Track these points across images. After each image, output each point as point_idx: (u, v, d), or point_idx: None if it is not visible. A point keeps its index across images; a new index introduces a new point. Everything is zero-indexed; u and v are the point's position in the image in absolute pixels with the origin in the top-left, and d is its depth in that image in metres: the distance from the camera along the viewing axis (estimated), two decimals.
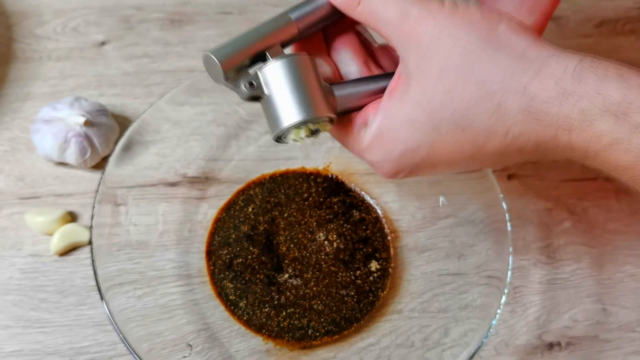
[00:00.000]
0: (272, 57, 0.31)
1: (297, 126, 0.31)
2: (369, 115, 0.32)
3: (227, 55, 0.31)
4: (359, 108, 0.33)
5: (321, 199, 0.47)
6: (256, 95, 0.31)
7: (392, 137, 0.31)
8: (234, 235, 0.46)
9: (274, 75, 0.31)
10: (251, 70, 0.32)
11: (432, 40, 0.29)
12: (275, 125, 0.32)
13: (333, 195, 0.48)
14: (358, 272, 0.45)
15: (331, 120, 0.32)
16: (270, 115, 0.32)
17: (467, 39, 0.29)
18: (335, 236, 0.46)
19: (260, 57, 0.32)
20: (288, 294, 0.44)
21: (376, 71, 0.34)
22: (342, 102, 0.33)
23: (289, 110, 0.31)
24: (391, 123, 0.31)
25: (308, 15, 0.33)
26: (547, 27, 0.35)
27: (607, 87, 0.27)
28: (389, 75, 0.33)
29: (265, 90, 0.31)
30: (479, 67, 0.29)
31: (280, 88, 0.31)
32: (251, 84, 0.31)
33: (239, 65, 0.31)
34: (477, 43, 0.29)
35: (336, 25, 0.35)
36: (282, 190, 0.48)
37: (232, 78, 0.31)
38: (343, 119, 0.33)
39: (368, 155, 0.33)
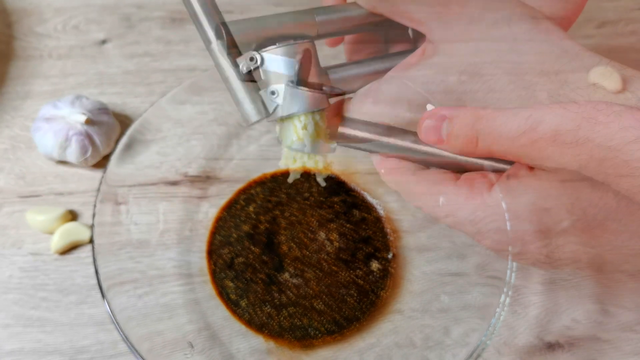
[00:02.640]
0: (278, 45, 0.31)
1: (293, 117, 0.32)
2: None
3: (239, 30, 0.31)
4: (352, 91, 0.34)
5: (322, 199, 0.47)
6: (250, 79, 0.32)
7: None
8: (235, 235, 0.46)
9: (273, 65, 0.31)
10: (255, 51, 0.32)
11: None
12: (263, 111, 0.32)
13: (334, 195, 0.48)
14: (359, 271, 0.45)
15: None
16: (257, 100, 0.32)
17: (524, 25, 0.31)
18: (336, 235, 0.46)
19: (269, 43, 0.32)
20: (289, 293, 0.44)
21: None
22: (336, 84, 0.33)
23: (284, 104, 0.31)
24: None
25: (331, 22, 0.33)
26: None
27: (636, 85, 0.28)
28: (376, 59, 0.35)
29: (262, 75, 0.31)
30: (527, 51, 0.30)
31: (277, 79, 0.31)
32: (252, 59, 0.31)
33: (249, 42, 0.31)
34: (530, 28, 0.31)
35: None
36: (283, 190, 0.48)
37: (235, 53, 0.31)
38: None
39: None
